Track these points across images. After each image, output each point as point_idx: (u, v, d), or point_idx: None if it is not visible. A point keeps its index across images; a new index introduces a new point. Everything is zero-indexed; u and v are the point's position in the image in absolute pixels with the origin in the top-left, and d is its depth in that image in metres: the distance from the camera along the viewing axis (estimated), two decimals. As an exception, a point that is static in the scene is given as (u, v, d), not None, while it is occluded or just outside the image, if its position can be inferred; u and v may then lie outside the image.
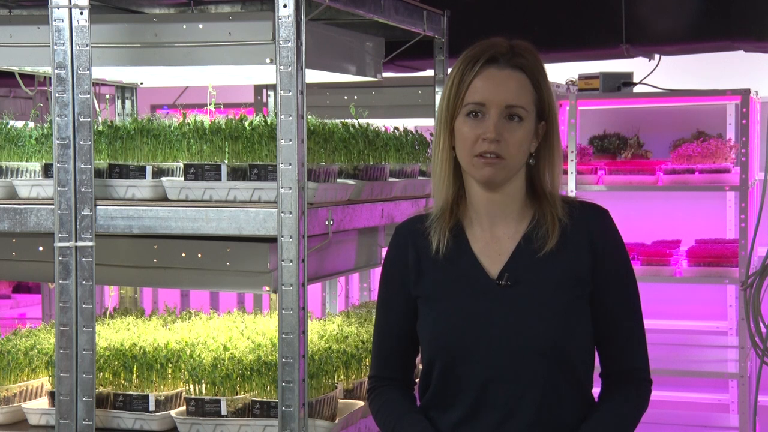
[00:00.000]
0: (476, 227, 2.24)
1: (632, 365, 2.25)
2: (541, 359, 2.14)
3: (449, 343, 2.18)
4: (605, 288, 2.21)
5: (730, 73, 5.73)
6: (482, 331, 2.16)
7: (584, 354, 2.21)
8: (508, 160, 2.16)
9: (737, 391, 5.36)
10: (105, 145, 3.03)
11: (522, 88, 2.17)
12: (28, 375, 3.22)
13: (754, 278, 3.87)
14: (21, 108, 6.63)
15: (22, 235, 3.21)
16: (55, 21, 2.84)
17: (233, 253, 2.98)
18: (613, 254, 2.23)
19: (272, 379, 2.89)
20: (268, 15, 2.88)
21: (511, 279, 2.18)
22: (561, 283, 2.18)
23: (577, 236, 2.21)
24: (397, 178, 3.43)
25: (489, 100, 2.15)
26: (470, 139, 2.16)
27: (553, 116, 2.22)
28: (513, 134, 2.15)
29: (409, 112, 4.67)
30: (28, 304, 7.26)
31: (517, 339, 2.15)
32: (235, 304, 5.21)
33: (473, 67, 2.18)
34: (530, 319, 2.16)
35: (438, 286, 2.23)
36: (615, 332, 2.23)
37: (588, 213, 2.24)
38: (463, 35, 4.21)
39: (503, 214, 2.22)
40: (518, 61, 2.18)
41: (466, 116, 2.17)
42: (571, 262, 2.19)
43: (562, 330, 2.16)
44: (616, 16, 4.84)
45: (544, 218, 2.21)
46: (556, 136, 2.23)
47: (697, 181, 5.26)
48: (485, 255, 2.22)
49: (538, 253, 2.19)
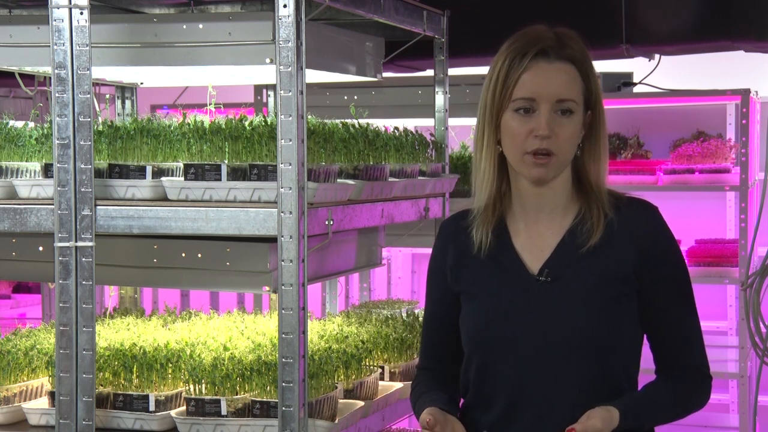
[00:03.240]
0: (520, 222, 2.20)
1: (690, 362, 2.20)
2: (578, 357, 2.10)
3: (486, 340, 2.16)
4: (656, 286, 2.16)
5: (730, 73, 5.73)
6: (519, 327, 2.13)
7: (626, 354, 2.16)
8: (559, 155, 2.11)
9: (737, 391, 5.36)
10: (105, 145, 3.03)
11: (572, 80, 2.12)
12: (28, 375, 3.21)
13: (754, 278, 3.87)
14: (21, 108, 6.63)
15: (22, 235, 3.21)
16: (55, 21, 2.83)
17: (233, 253, 2.98)
18: (662, 252, 2.18)
19: (272, 379, 2.89)
20: (268, 15, 2.88)
21: (551, 275, 2.14)
22: (602, 280, 2.13)
23: (623, 233, 2.16)
24: (397, 178, 3.42)
25: (540, 95, 2.09)
26: (521, 135, 2.11)
27: (599, 105, 2.17)
28: (564, 129, 2.10)
29: (409, 112, 4.67)
30: (28, 304, 7.26)
31: (554, 335, 2.11)
32: (235, 304, 5.21)
33: (521, 61, 2.11)
34: (568, 315, 2.12)
35: (478, 283, 2.20)
36: (670, 331, 2.18)
37: (636, 209, 2.19)
38: (463, 35, 4.22)
39: (549, 208, 2.18)
40: (567, 52, 2.12)
41: (515, 111, 2.11)
42: (615, 258, 2.14)
43: (600, 327, 2.11)
44: (616, 16, 4.84)
45: (590, 213, 2.16)
46: (603, 125, 2.18)
47: (697, 181, 5.26)
48: (527, 250, 2.18)
49: (581, 249, 2.14)
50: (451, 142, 4.04)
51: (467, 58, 4.83)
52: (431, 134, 3.82)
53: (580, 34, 2.20)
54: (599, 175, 2.19)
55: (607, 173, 2.22)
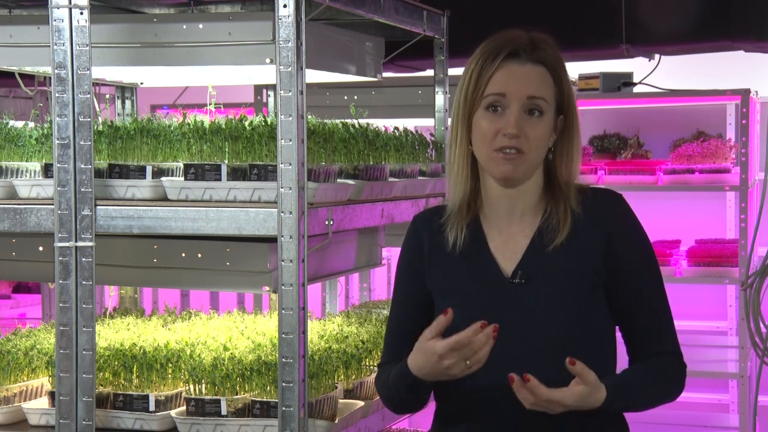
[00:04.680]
0: (493, 224, 2.21)
1: (663, 349, 2.19)
2: (555, 355, 2.08)
3: None
4: (624, 273, 2.16)
5: (730, 73, 5.73)
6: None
7: (602, 348, 2.16)
8: (528, 155, 2.12)
9: (737, 391, 5.36)
10: (105, 145, 3.03)
11: (543, 81, 2.13)
12: (28, 375, 3.22)
13: (754, 278, 3.87)
14: (21, 108, 6.63)
15: (22, 235, 3.21)
16: (55, 21, 2.84)
17: (233, 253, 2.98)
18: (628, 238, 2.18)
19: (272, 379, 2.89)
20: (268, 15, 2.88)
21: (524, 276, 2.15)
22: (572, 277, 2.14)
23: (590, 225, 2.17)
24: (397, 178, 3.42)
25: (510, 91, 2.11)
26: (489, 133, 2.12)
27: (572, 110, 2.18)
28: (533, 129, 2.11)
29: (409, 112, 4.67)
30: (28, 304, 7.26)
31: (530, 337, 2.11)
32: (235, 304, 5.21)
33: (493, 61, 2.14)
34: (543, 315, 2.12)
35: (453, 281, 2.20)
36: (640, 318, 2.18)
37: (600, 199, 2.20)
38: (463, 35, 4.22)
39: (519, 210, 2.19)
40: (539, 54, 2.14)
41: (485, 110, 2.13)
42: (582, 253, 2.15)
43: (576, 325, 2.12)
44: (616, 16, 4.84)
45: (556, 210, 2.17)
46: (575, 130, 2.19)
47: (697, 181, 5.26)
48: (501, 252, 2.19)
49: (548, 247, 2.15)
50: (451, 142, 4.04)
51: (467, 58, 4.82)
52: (431, 134, 3.82)
53: (580, 34, 2.21)
54: (570, 177, 2.20)
55: (579, 174, 2.23)
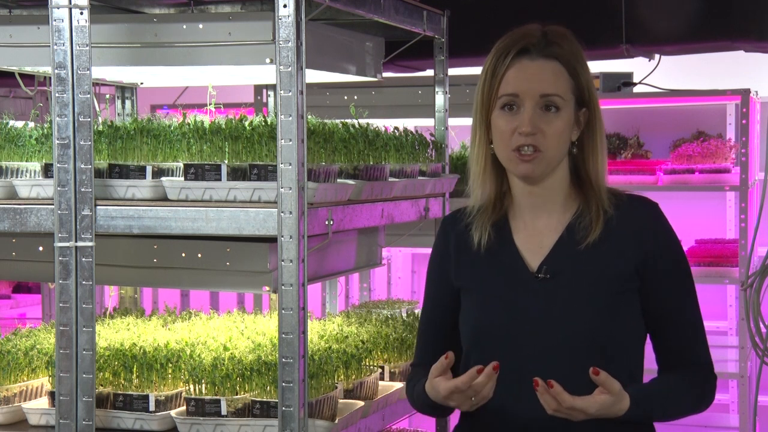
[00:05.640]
0: (519, 220, 2.20)
1: (694, 360, 2.19)
2: (577, 354, 2.09)
3: (485, 337, 2.15)
4: (658, 283, 2.15)
5: (730, 73, 5.73)
6: (518, 324, 2.13)
7: (627, 351, 2.15)
8: (546, 152, 2.11)
9: (737, 391, 5.36)
10: (105, 145, 3.03)
11: (557, 76, 2.12)
12: (28, 375, 3.21)
13: (754, 278, 3.87)
14: (21, 108, 6.63)
15: (22, 235, 3.21)
16: (55, 21, 2.83)
17: (233, 253, 2.98)
18: (663, 248, 2.17)
19: (272, 379, 2.89)
20: (268, 15, 2.88)
21: (550, 272, 2.14)
22: (601, 277, 2.13)
23: (623, 230, 2.15)
24: (397, 178, 3.42)
25: (522, 91, 2.11)
26: (506, 133, 2.12)
27: (594, 102, 2.17)
28: (550, 125, 2.11)
29: (409, 112, 4.67)
30: (28, 304, 7.26)
31: (553, 333, 2.11)
32: (235, 304, 5.21)
33: (505, 59, 2.13)
34: (567, 312, 2.11)
35: (478, 279, 2.20)
36: (673, 328, 2.17)
37: (636, 206, 2.19)
38: (463, 35, 4.22)
39: (546, 206, 2.18)
40: (551, 49, 2.13)
41: (501, 109, 2.13)
42: (614, 255, 2.14)
43: (599, 325, 2.11)
44: (616, 16, 4.84)
45: (588, 209, 2.16)
46: (599, 122, 2.18)
47: (697, 181, 5.26)
48: (527, 248, 2.18)
49: (579, 245, 2.14)
50: (451, 142, 4.04)
51: (467, 58, 4.83)
52: (431, 134, 3.82)
53: (580, 34, 2.21)
54: (598, 172, 2.19)
55: (607, 170, 2.21)
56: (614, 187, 2.22)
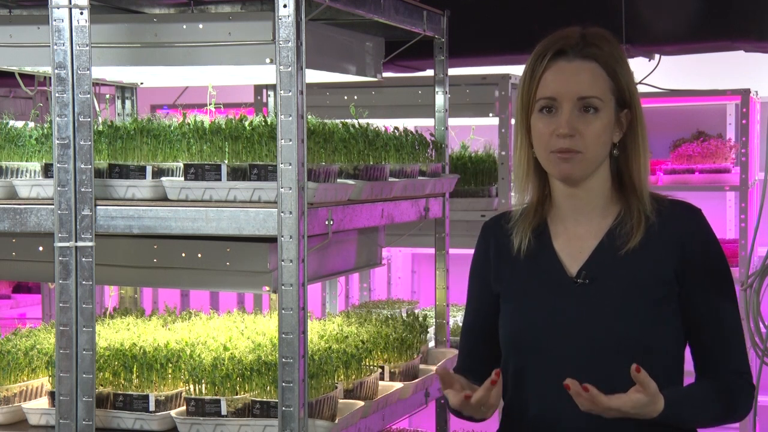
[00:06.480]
0: (559, 224, 2.19)
1: (732, 369, 2.17)
2: (617, 360, 2.07)
3: (523, 341, 2.15)
4: (697, 289, 2.14)
5: (730, 73, 5.73)
6: (556, 329, 2.12)
7: (667, 358, 2.14)
8: (586, 153, 2.10)
9: (737, 391, 5.35)
10: (105, 145, 3.03)
11: (595, 78, 2.11)
12: (28, 375, 3.21)
13: (754, 278, 3.86)
14: (21, 108, 6.63)
15: (22, 235, 3.21)
16: (55, 21, 2.83)
17: (233, 253, 2.98)
18: (704, 255, 2.15)
19: (272, 379, 2.89)
20: (268, 15, 2.88)
21: (589, 277, 2.13)
22: (642, 283, 2.12)
23: (665, 235, 2.14)
24: (397, 178, 3.42)
25: (560, 93, 2.10)
26: (545, 135, 2.11)
27: (635, 103, 2.16)
28: (589, 126, 2.10)
29: (409, 112, 4.67)
30: (28, 304, 7.27)
31: (592, 338, 2.10)
32: (235, 304, 5.22)
33: (542, 61, 2.12)
34: (606, 318, 2.10)
35: (517, 284, 2.20)
36: (709, 335, 2.15)
37: (678, 212, 2.18)
38: (463, 35, 4.22)
39: (586, 210, 2.17)
40: (589, 51, 2.12)
41: (540, 112, 2.12)
42: (655, 261, 2.13)
43: (638, 330, 2.09)
44: (616, 16, 4.84)
45: (630, 215, 2.15)
46: (641, 124, 2.16)
47: (697, 181, 5.26)
48: (566, 252, 2.17)
49: (619, 251, 2.13)
50: (451, 142, 4.04)
51: (467, 58, 4.83)
52: (431, 134, 3.82)
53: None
54: (640, 176, 2.17)
55: (649, 173, 2.19)
56: (657, 192, 2.20)
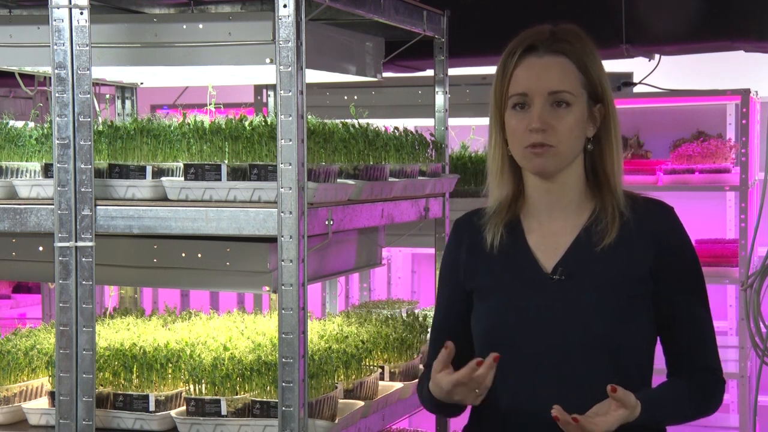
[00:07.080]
0: (533, 221, 2.20)
1: (703, 365, 2.20)
2: (592, 356, 2.09)
3: (497, 339, 2.15)
4: (669, 287, 2.16)
5: (730, 73, 5.73)
6: (532, 326, 2.12)
7: (640, 354, 2.15)
8: (559, 147, 2.11)
9: (737, 391, 5.36)
10: (105, 145, 3.03)
11: (565, 72, 2.12)
12: (28, 375, 3.21)
13: (754, 278, 3.87)
14: (21, 108, 6.63)
15: (22, 235, 3.21)
16: (55, 21, 2.83)
17: (233, 253, 2.98)
18: (678, 253, 2.17)
19: (272, 379, 2.89)
20: (268, 15, 2.88)
21: (565, 273, 2.14)
22: (617, 280, 2.13)
23: (639, 233, 2.15)
24: (397, 178, 3.42)
25: (531, 89, 2.11)
26: (518, 131, 2.12)
27: (608, 98, 2.17)
28: (561, 121, 2.11)
29: (409, 112, 4.67)
30: (28, 304, 7.27)
31: (567, 335, 2.11)
32: (235, 304, 5.21)
33: (513, 58, 2.14)
34: (582, 314, 2.11)
35: (491, 280, 2.20)
36: (683, 332, 2.18)
37: (652, 209, 2.19)
38: (463, 35, 4.22)
39: (561, 205, 2.18)
40: (559, 46, 2.14)
41: (513, 109, 2.13)
42: (630, 258, 2.14)
43: (614, 327, 2.11)
44: (616, 16, 4.84)
45: (605, 211, 2.16)
46: (613, 118, 2.17)
47: (697, 181, 5.26)
48: (541, 249, 2.18)
49: (595, 248, 2.14)
50: (451, 142, 4.04)
51: (467, 58, 4.83)
52: (431, 134, 3.82)
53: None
54: (614, 171, 2.18)
55: (623, 169, 2.21)
56: (630, 190, 2.22)
